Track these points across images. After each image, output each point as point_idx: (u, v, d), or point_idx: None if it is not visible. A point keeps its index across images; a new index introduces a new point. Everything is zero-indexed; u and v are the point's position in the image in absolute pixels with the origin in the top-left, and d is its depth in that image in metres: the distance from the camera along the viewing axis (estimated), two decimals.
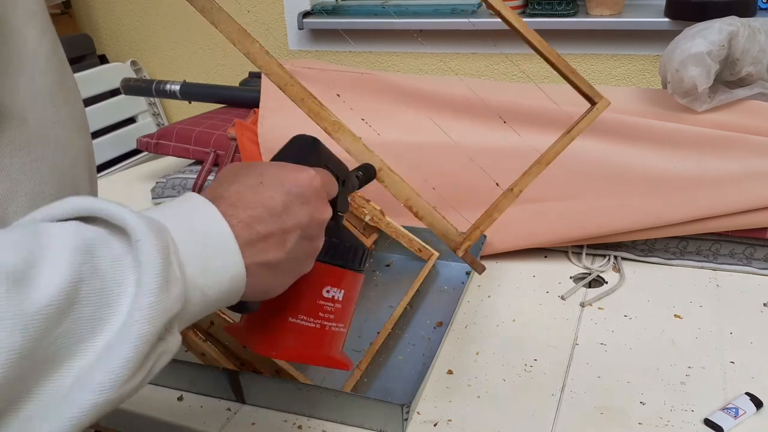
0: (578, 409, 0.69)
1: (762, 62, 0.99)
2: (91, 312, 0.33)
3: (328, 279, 0.51)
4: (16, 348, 0.30)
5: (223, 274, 0.40)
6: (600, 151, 0.99)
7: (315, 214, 0.46)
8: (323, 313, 0.51)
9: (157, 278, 0.34)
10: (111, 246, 0.35)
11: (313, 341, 0.51)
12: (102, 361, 0.33)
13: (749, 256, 0.92)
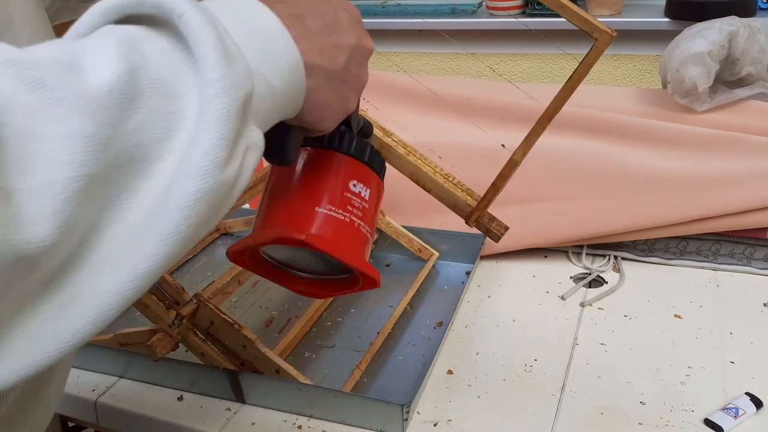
0: (578, 409, 0.69)
1: (762, 62, 0.99)
2: (159, 105, 0.29)
3: (354, 173, 0.47)
4: (90, 134, 0.26)
5: (281, 62, 0.35)
6: (600, 151, 0.99)
7: (362, 39, 0.42)
8: (351, 207, 0.46)
9: (217, 48, 0.30)
10: (155, 38, 0.31)
11: (344, 234, 0.45)
12: (192, 148, 0.29)
13: (749, 256, 0.92)
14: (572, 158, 0.99)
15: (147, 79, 0.29)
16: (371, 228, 0.48)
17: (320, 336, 0.84)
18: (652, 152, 0.98)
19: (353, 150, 0.48)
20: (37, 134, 0.25)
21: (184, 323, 0.69)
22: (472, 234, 0.96)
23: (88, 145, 0.26)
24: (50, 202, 0.25)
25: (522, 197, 0.98)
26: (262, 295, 0.93)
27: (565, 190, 0.97)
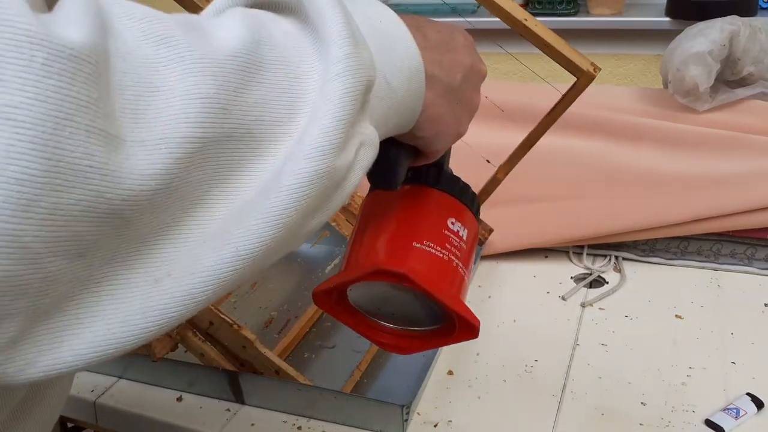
0: (579, 409, 0.68)
1: (763, 62, 0.98)
2: (282, 83, 0.28)
3: (452, 211, 0.45)
4: (209, 95, 0.25)
5: (403, 64, 0.34)
6: (601, 151, 0.99)
7: (477, 63, 0.42)
8: (449, 245, 0.44)
9: (344, 28, 0.29)
10: (282, 22, 0.30)
11: (442, 272, 0.43)
12: (311, 127, 0.28)
13: (750, 256, 0.92)
14: (573, 158, 0.99)
15: (272, 54, 0.28)
16: (468, 270, 0.46)
17: (320, 336, 0.84)
18: (653, 152, 0.97)
19: (450, 187, 0.46)
20: (157, 88, 0.24)
21: (183, 323, 0.69)
22: None
23: (207, 107, 0.25)
24: (161, 158, 0.24)
25: (522, 197, 0.98)
26: (262, 295, 0.93)
27: (566, 190, 0.97)
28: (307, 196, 0.28)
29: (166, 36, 0.25)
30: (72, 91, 0.21)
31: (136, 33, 0.24)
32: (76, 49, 0.21)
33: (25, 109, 0.20)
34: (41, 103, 0.20)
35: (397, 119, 0.36)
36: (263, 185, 0.28)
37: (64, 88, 0.21)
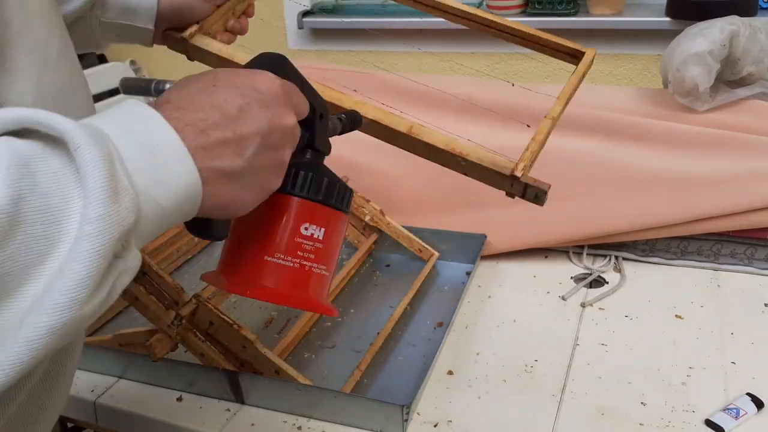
0: (579, 409, 0.68)
1: (763, 62, 0.98)
2: (38, 232, 0.30)
3: (306, 215, 0.47)
4: None
5: (176, 182, 0.36)
6: (601, 151, 0.99)
7: (275, 120, 0.41)
8: (302, 251, 0.47)
9: (104, 187, 0.31)
10: (49, 159, 0.31)
11: (292, 281, 0.47)
12: (57, 282, 0.30)
13: (750, 256, 0.92)
14: (573, 158, 0.99)
15: (31, 206, 0.30)
16: (328, 264, 0.49)
17: (320, 336, 0.84)
18: (653, 152, 0.97)
19: (306, 191, 0.47)
20: None
21: (183, 323, 0.69)
22: (472, 234, 0.96)
23: None
24: None
25: None
26: None
27: (566, 190, 0.97)
28: (44, 346, 0.29)
29: None
30: None
31: None
32: None
33: None
34: None
35: (171, 224, 0.37)
36: (4, 330, 0.29)
37: None
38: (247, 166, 0.39)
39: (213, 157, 0.38)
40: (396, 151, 1.10)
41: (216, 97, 0.39)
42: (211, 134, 0.38)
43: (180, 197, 0.36)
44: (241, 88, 0.40)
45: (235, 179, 0.39)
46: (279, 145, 0.42)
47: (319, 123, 0.49)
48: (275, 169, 0.42)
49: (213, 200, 0.39)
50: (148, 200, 0.34)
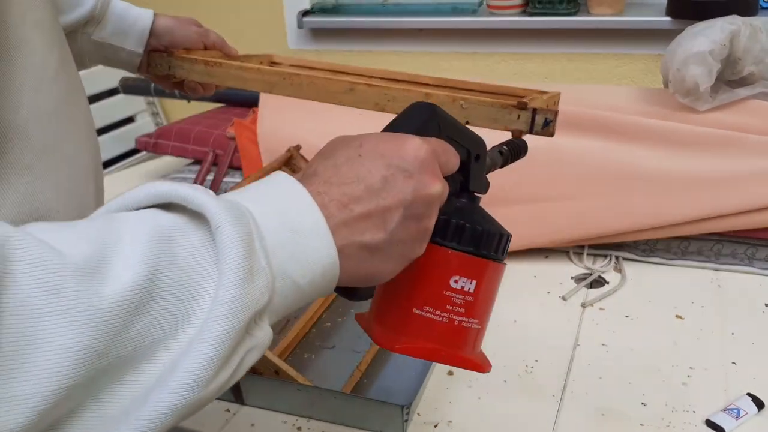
0: (579, 410, 0.68)
1: (764, 61, 0.98)
2: (171, 307, 0.31)
3: (456, 268, 0.44)
4: (87, 346, 0.27)
5: (315, 262, 0.36)
6: (601, 151, 0.99)
7: (421, 190, 0.40)
8: (451, 305, 0.45)
9: (239, 269, 0.31)
10: (190, 234, 0.32)
11: (440, 336, 0.45)
12: (182, 361, 0.30)
13: (751, 256, 0.91)
14: (573, 158, 0.99)
15: (166, 282, 0.30)
16: (480, 317, 0.47)
17: (320, 337, 0.84)
18: (653, 152, 0.97)
19: (456, 241, 0.44)
20: (37, 341, 0.26)
21: None
22: None
23: (81, 358, 0.27)
24: (23, 413, 0.26)
25: (523, 197, 0.98)
26: None
27: (566, 190, 0.97)
28: (164, 424, 0.30)
29: (57, 287, 0.27)
30: None
31: (29, 282, 0.27)
32: None
33: None
34: None
35: (307, 300, 0.38)
36: (129, 404, 0.30)
37: None
38: (389, 238, 0.39)
39: (355, 232, 0.38)
40: None
41: (361, 168, 0.39)
42: (355, 208, 0.38)
43: (317, 275, 0.37)
44: (387, 157, 0.40)
45: (377, 252, 0.39)
46: (423, 215, 0.41)
47: (474, 165, 0.47)
48: (418, 238, 0.42)
49: (352, 273, 0.39)
50: (285, 278, 0.35)
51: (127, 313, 0.29)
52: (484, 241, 0.45)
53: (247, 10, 1.98)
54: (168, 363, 0.30)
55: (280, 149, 0.99)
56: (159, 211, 0.33)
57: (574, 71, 1.72)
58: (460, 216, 0.45)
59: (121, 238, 0.30)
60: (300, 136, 1.03)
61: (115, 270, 0.29)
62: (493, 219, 0.48)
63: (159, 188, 0.33)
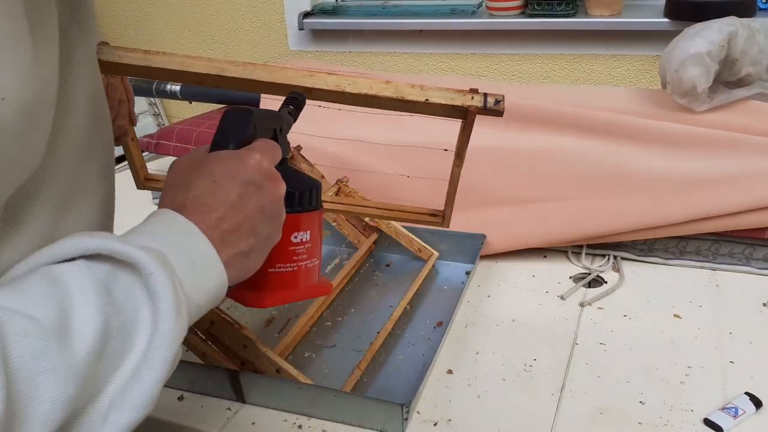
0: (578, 408, 0.69)
1: (761, 62, 0.99)
2: (119, 345, 0.37)
3: (292, 227, 0.54)
4: (70, 395, 0.34)
5: (211, 285, 0.44)
6: (599, 151, 0.99)
7: (271, 195, 0.49)
8: (296, 256, 0.54)
9: (173, 306, 0.38)
10: (120, 281, 0.38)
11: (294, 282, 0.55)
12: (133, 385, 0.37)
13: (749, 256, 0.92)
14: (572, 158, 0.99)
15: (114, 325, 0.37)
16: (316, 255, 0.56)
17: (320, 336, 0.84)
18: (651, 152, 0.98)
19: (289, 206, 0.52)
20: (33, 399, 0.33)
21: None
22: (472, 234, 0.96)
23: (66, 405, 0.34)
24: None
25: (522, 197, 0.99)
26: None
27: (565, 190, 0.97)
28: (132, 430, 0.37)
29: (43, 351, 0.33)
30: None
31: (23, 352, 0.33)
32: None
33: None
34: None
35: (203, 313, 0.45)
36: (89, 426, 0.36)
37: None
38: (258, 240, 0.48)
39: (232, 246, 0.46)
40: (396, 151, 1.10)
41: (220, 193, 0.46)
42: (227, 228, 0.46)
43: (212, 294, 0.44)
44: (237, 177, 0.47)
45: (251, 253, 0.47)
46: (277, 213, 0.49)
47: (280, 137, 0.56)
48: (277, 228, 0.50)
49: (237, 277, 0.47)
50: (191, 303, 0.42)
51: (95, 359, 0.35)
52: (305, 198, 0.54)
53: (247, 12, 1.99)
54: (118, 390, 0.37)
55: None
56: (89, 263, 0.38)
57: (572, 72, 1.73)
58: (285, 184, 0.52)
59: (72, 295, 0.36)
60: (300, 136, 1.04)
61: (77, 325, 0.35)
62: (301, 174, 0.57)
63: (85, 242, 0.39)
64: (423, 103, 0.62)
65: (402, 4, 1.85)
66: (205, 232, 0.44)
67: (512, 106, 1.06)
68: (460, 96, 0.62)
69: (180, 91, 1.39)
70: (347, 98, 0.63)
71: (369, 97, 0.62)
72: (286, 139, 0.57)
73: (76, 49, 0.45)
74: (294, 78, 0.63)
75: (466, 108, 0.62)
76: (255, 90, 0.65)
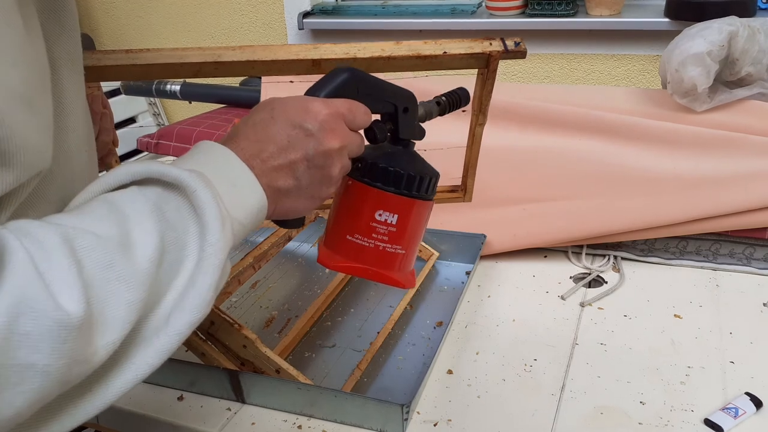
0: (578, 409, 0.69)
1: (761, 62, 0.99)
2: (175, 257, 0.41)
3: (379, 203, 0.54)
4: (141, 299, 0.38)
5: (252, 204, 0.47)
6: (600, 151, 0.99)
7: (319, 146, 0.49)
8: (376, 234, 0.55)
9: (218, 218, 0.42)
10: (170, 200, 0.42)
11: (368, 258, 0.55)
12: (190, 290, 0.41)
13: (749, 256, 0.92)
14: (572, 158, 0.99)
15: (169, 239, 0.41)
16: (404, 244, 0.56)
17: (320, 336, 0.84)
18: (652, 152, 0.98)
19: (381, 180, 0.54)
20: (110, 302, 0.37)
21: None
22: (472, 234, 0.96)
23: (137, 308, 0.38)
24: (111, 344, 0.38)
25: (522, 197, 0.99)
26: (262, 295, 0.93)
27: (565, 190, 0.97)
28: (183, 338, 0.41)
29: (111, 261, 0.37)
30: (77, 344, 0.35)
31: (95, 262, 0.37)
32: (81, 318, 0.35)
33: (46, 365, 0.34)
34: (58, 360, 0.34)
35: (249, 233, 0.49)
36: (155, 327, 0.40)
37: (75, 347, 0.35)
38: (297, 183, 0.50)
39: (271, 180, 0.49)
40: None
41: (271, 129, 0.49)
42: (269, 162, 0.48)
43: (254, 214, 0.47)
44: (292, 119, 0.49)
45: (290, 194, 0.50)
46: (324, 165, 0.50)
47: (402, 116, 0.56)
48: (324, 182, 0.51)
49: (277, 210, 0.50)
50: (235, 221, 0.45)
51: (155, 268, 0.39)
52: (405, 181, 0.54)
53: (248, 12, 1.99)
54: (177, 295, 0.41)
55: None
56: (141, 188, 0.43)
57: (572, 72, 1.73)
58: (388, 161, 0.54)
59: (129, 215, 0.40)
60: None
61: (138, 239, 0.39)
62: (425, 162, 0.57)
63: (138, 169, 0.43)
64: (441, 56, 0.59)
65: (402, 4, 1.85)
66: (246, 159, 0.47)
67: (512, 106, 1.06)
68: (478, 44, 0.60)
69: (180, 90, 1.39)
70: (359, 65, 0.60)
71: (383, 60, 0.59)
72: (413, 121, 0.57)
73: (57, 48, 0.45)
74: (299, 52, 0.60)
75: (487, 54, 0.60)
76: (257, 72, 0.62)
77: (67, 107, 0.46)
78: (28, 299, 0.33)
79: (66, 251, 0.36)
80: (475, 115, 0.66)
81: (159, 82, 1.41)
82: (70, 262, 0.35)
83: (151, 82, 1.42)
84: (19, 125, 0.36)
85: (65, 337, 0.34)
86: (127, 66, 0.60)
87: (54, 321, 0.33)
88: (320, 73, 0.60)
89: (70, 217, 0.39)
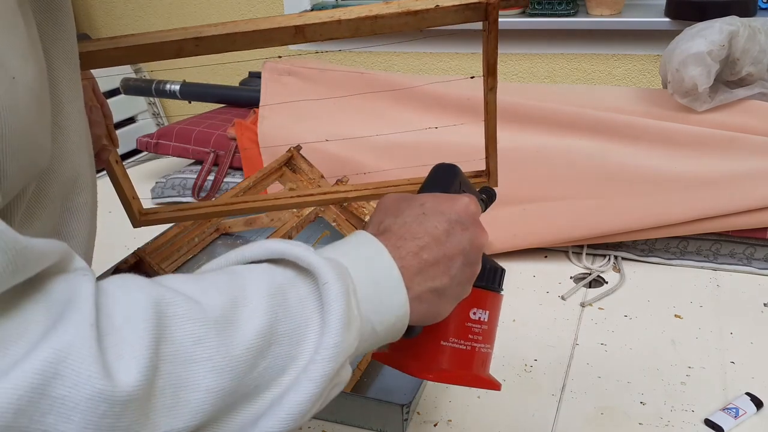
0: (578, 409, 0.69)
1: (762, 62, 0.99)
2: (284, 350, 0.36)
3: (474, 301, 0.51)
4: (224, 388, 0.33)
5: (391, 311, 0.42)
6: (600, 151, 0.99)
7: (474, 240, 0.47)
8: (472, 335, 0.52)
9: (341, 319, 0.37)
10: (299, 287, 0.38)
11: (465, 363, 0.52)
12: (290, 395, 0.36)
13: (749, 256, 0.92)
14: (572, 158, 0.99)
15: (282, 329, 0.36)
16: (491, 342, 0.53)
17: None
18: (652, 152, 0.98)
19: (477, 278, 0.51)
20: (188, 383, 0.32)
21: None
22: None
23: (220, 398, 0.33)
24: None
25: (522, 197, 0.98)
26: None
27: (566, 190, 0.97)
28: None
29: (202, 337, 0.33)
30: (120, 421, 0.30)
31: (183, 335, 0.33)
32: (131, 393, 0.30)
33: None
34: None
35: (380, 344, 0.44)
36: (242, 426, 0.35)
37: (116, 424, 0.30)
38: (451, 281, 0.46)
39: (427, 279, 0.44)
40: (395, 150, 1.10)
41: (427, 224, 0.46)
42: (427, 258, 0.45)
43: (391, 322, 0.42)
44: (446, 214, 0.47)
45: (442, 294, 0.45)
46: (475, 261, 0.48)
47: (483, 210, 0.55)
48: (470, 280, 0.48)
49: (421, 315, 0.45)
50: (367, 325, 0.41)
51: (253, 358, 0.35)
52: (492, 276, 0.52)
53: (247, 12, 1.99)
54: (276, 396, 0.36)
55: (281, 149, 0.99)
56: (273, 266, 0.39)
57: (573, 72, 1.73)
58: None
59: (246, 291, 0.36)
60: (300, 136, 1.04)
61: (243, 320, 0.35)
62: (487, 256, 0.54)
63: (275, 246, 0.40)
64: (433, 10, 0.54)
65: None
66: (403, 258, 0.44)
67: (512, 106, 1.05)
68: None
69: (179, 90, 1.39)
70: (345, 29, 0.55)
71: (371, 21, 0.55)
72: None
73: (55, 48, 0.45)
74: (283, 21, 0.56)
75: (485, 3, 0.54)
76: (241, 47, 0.58)
77: (65, 107, 0.46)
78: (72, 359, 0.29)
79: (149, 316, 0.32)
80: (485, 79, 0.61)
81: (158, 82, 1.41)
82: (147, 330, 0.31)
83: (151, 81, 1.42)
84: (32, 123, 0.35)
85: (105, 411, 0.29)
86: (106, 50, 0.56)
87: (95, 390, 0.29)
88: (304, 41, 0.56)
89: (184, 281, 0.36)
